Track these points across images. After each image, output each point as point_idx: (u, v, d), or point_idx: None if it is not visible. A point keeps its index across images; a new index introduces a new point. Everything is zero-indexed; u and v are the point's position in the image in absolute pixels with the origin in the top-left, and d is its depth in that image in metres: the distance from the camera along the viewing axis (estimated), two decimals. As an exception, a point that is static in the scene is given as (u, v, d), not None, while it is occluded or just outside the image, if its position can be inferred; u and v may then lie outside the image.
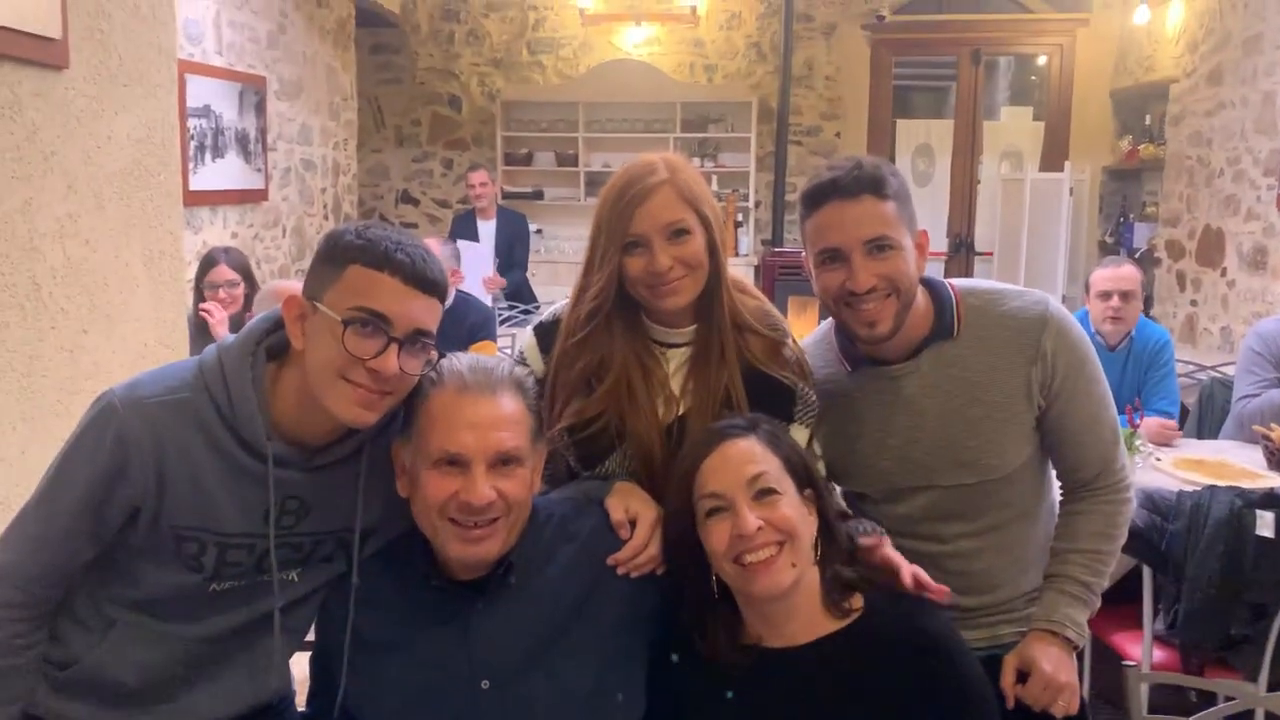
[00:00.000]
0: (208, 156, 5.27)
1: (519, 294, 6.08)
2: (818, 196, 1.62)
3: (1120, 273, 3.59)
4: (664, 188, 1.56)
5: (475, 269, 5.47)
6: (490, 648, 1.42)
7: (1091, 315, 3.62)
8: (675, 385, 1.65)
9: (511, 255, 6.22)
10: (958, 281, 1.75)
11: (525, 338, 1.75)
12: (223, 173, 5.42)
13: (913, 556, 1.60)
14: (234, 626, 1.47)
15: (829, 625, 1.44)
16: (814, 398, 1.69)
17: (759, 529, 1.37)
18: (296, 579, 1.49)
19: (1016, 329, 1.67)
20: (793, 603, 1.42)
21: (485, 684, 1.40)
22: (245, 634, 1.49)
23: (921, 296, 1.68)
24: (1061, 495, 1.77)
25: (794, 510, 1.41)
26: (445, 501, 1.38)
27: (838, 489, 1.76)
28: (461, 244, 5.86)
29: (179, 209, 2.24)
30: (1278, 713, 1.71)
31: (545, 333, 1.71)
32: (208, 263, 4.08)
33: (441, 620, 1.44)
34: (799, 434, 1.65)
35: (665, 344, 1.66)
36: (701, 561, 1.43)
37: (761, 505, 1.39)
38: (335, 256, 1.36)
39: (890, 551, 1.55)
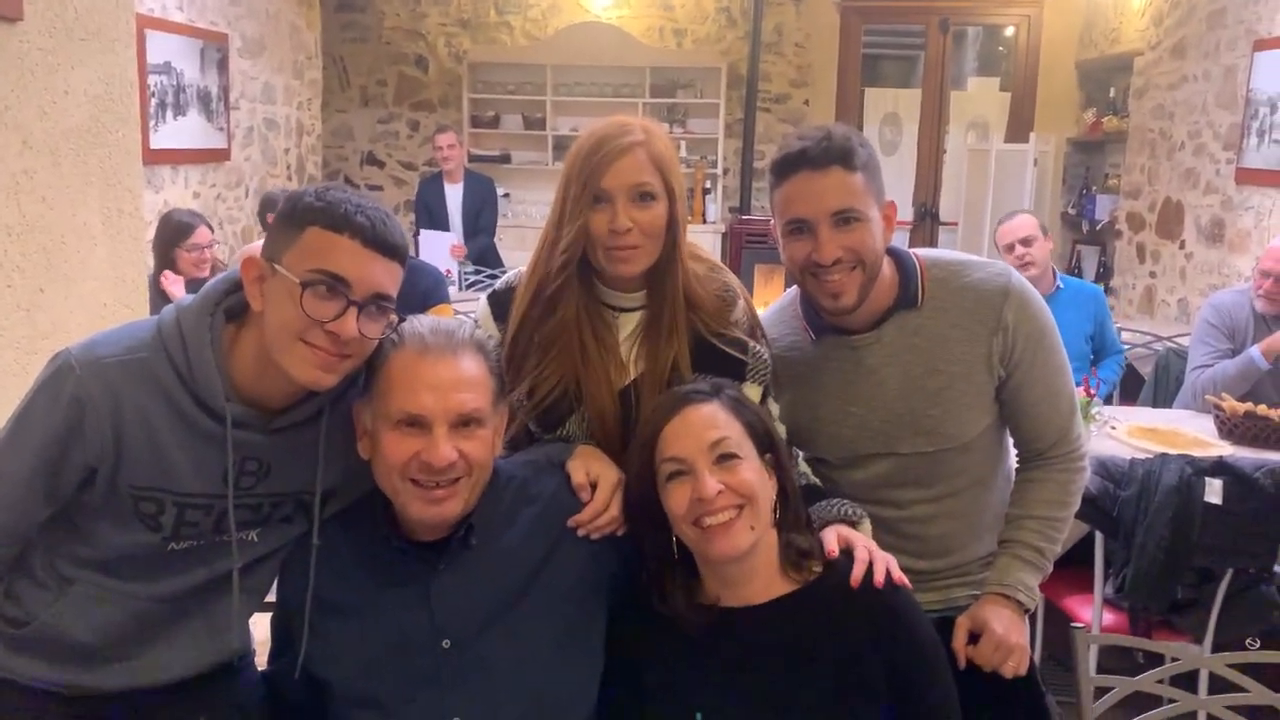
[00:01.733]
0: (169, 115, 5.19)
1: (485, 259, 6.05)
2: (786, 166, 1.63)
3: (1014, 224, 3.76)
4: (638, 149, 1.56)
5: (440, 258, 5.43)
6: (451, 609, 1.43)
7: None
8: (625, 351, 1.65)
9: (479, 220, 6.18)
10: (922, 252, 1.77)
11: (479, 306, 1.75)
12: (184, 131, 5.33)
13: (870, 521, 1.64)
14: (193, 586, 1.47)
15: (786, 586, 1.46)
16: (765, 355, 1.70)
17: (718, 493, 1.39)
18: (256, 539, 1.49)
19: (978, 300, 1.68)
20: (751, 564, 1.45)
21: (446, 644, 1.42)
22: (204, 594, 1.49)
23: (887, 267, 1.69)
24: (1017, 463, 1.81)
25: (754, 475, 1.43)
26: (406, 462, 1.38)
27: (799, 454, 1.79)
28: (426, 235, 5.83)
29: (138, 167, 2.21)
30: (1220, 673, 1.76)
31: (499, 300, 1.71)
32: (183, 228, 4.02)
33: (402, 581, 1.45)
34: (752, 392, 1.66)
35: (617, 308, 1.67)
36: (662, 523, 1.45)
37: (722, 470, 1.41)
38: (294, 218, 1.35)
39: (861, 547, 1.52)
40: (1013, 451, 1.82)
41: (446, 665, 1.41)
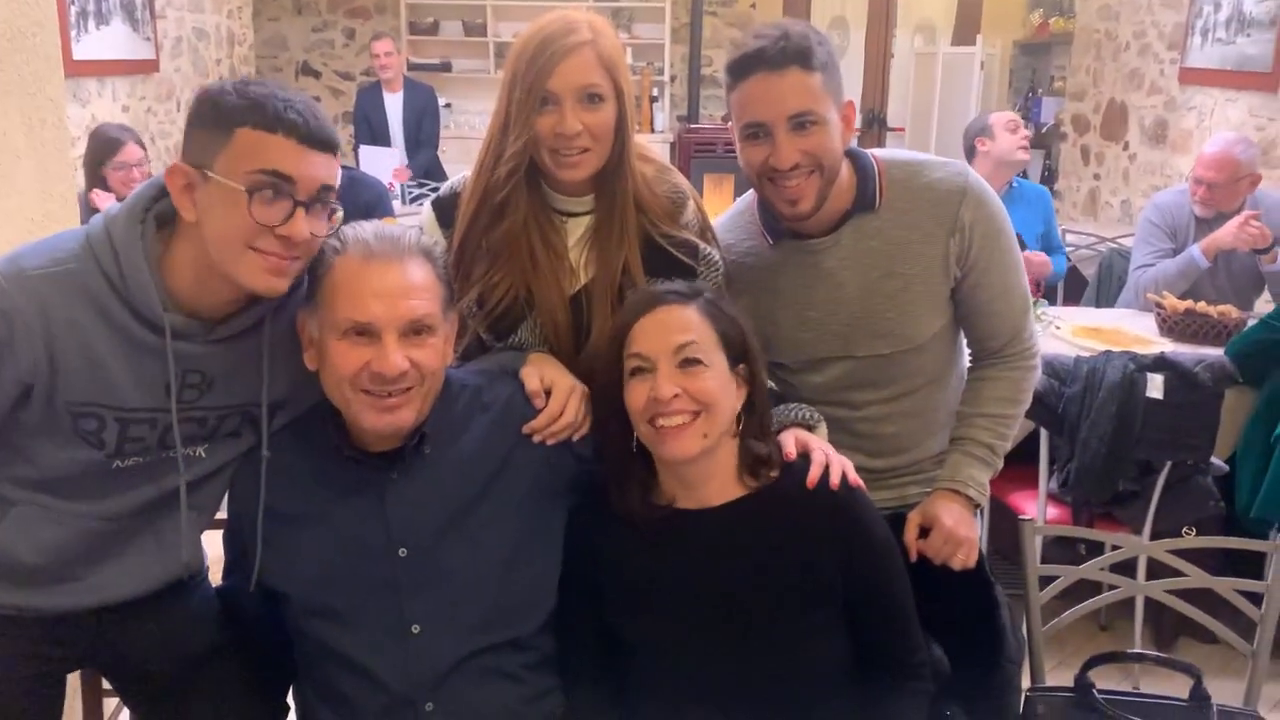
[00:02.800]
0: (90, 23, 4.95)
1: (430, 172, 5.91)
2: (743, 67, 1.59)
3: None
4: (585, 49, 1.51)
5: (382, 175, 5.29)
6: (406, 517, 1.42)
7: None
8: (575, 256, 1.63)
9: (420, 130, 6.02)
10: (879, 152, 1.75)
11: (424, 213, 1.71)
12: (108, 41, 5.10)
13: (826, 423, 1.65)
14: (139, 504, 1.45)
15: (741, 490, 1.47)
16: (717, 257, 1.68)
17: (675, 396, 1.39)
18: (203, 455, 1.47)
19: (935, 200, 1.67)
20: (706, 468, 1.45)
21: (403, 552, 1.41)
22: (151, 511, 1.46)
23: (845, 169, 1.67)
24: (970, 362, 1.82)
25: (716, 383, 1.42)
26: (357, 373, 1.35)
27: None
28: (366, 151, 5.66)
29: (59, 74, 2.10)
30: (1160, 559, 1.82)
31: (444, 206, 1.68)
32: (110, 144, 3.85)
33: (355, 491, 1.43)
34: None
35: (565, 212, 1.64)
36: (625, 419, 1.45)
37: (684, 374, 1.40)
38: (220, 119, 1.29)
39: (817, 450, 1.53)
40: (966, 352, 1.83)
41: (403, 572, 1.41)
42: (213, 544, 1.58)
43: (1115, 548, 1.88)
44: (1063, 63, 6.90)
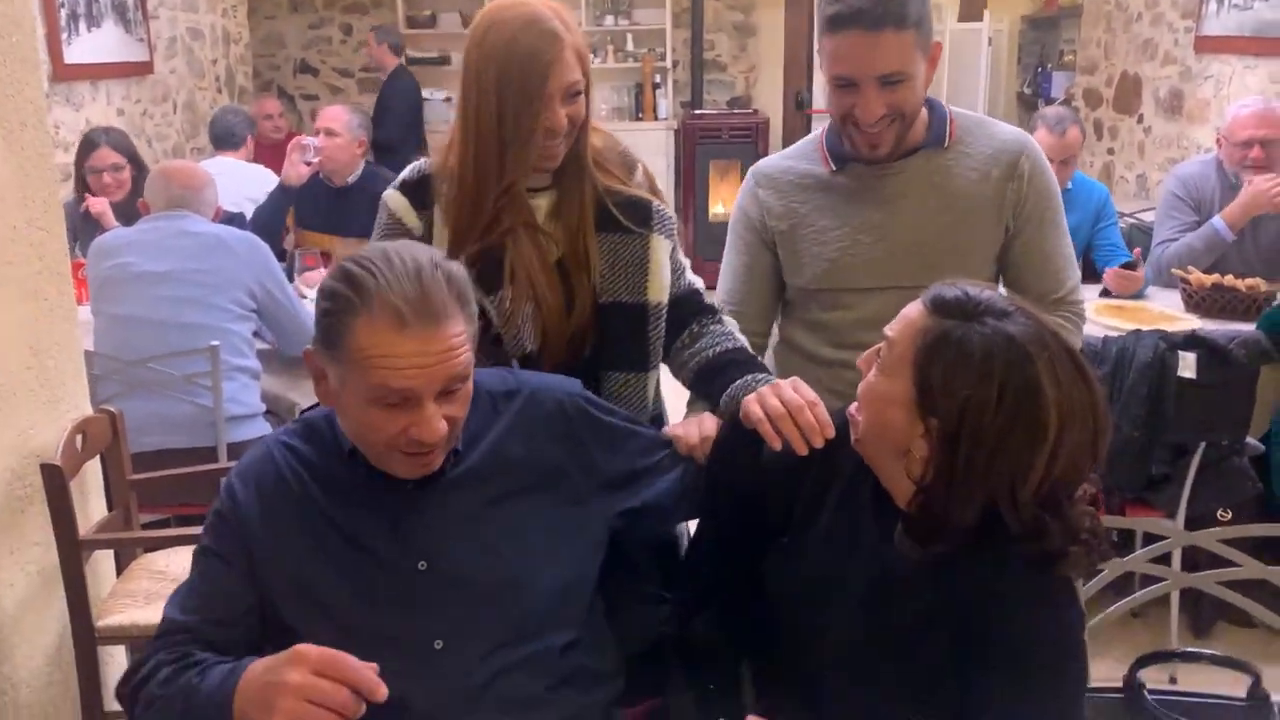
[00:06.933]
0: (82, 26, 4.87)
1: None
2: (839, 22, 1.63)
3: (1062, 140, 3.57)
4: (565, 50, 1.51)
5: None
6: (424, 529, 1.33)
7: None
8: (548, 230, 1.63)
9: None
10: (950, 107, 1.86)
11: (392, 201, 1.65)
12: (101, 44, 5.02)
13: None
14: None
15: None
16: (669, 214, 1.69)
17: None
18: None
19: (1000, 147, 1.79)
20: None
21: (422, 565, 1.32)
22: None
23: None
24: None
25: None
26: (394, 437, 1.25)
27: (725, 311, 1.78)
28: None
29: (38, 75, 2.02)
30: (1208, 547, 1.72)
31: (415, 188, 1.64)
32: (87, 146, 3.79)
33: (368, 506, 1.34)
34: (659, 244, 1.64)
35: (531, 190, 1.62)
36: None
37: None
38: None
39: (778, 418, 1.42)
40: None
41: (421, 586, 1.31)
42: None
43: (1153, 537, 1.79)
44: (1072, 36, 6.77)
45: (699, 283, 1.74)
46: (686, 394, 1.72)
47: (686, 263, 1.73)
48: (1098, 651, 2.42)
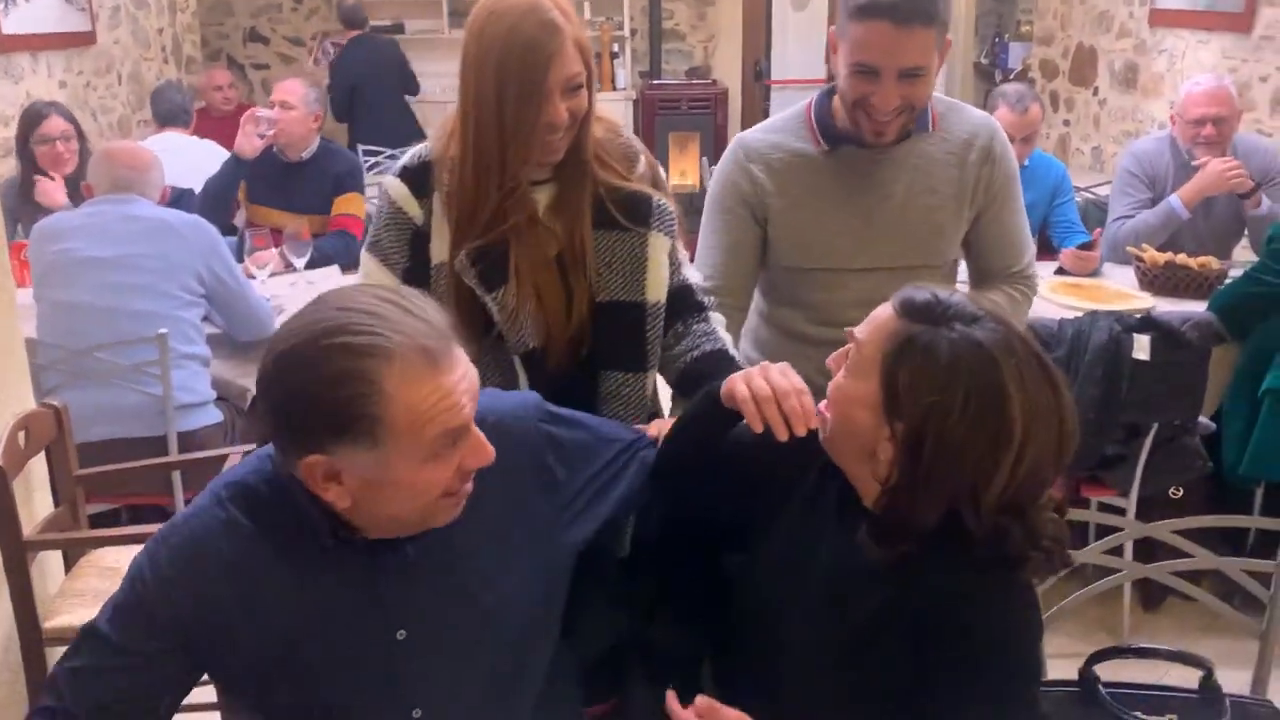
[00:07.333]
0: (18, -6, 4.71)
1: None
2: (870, 10, 1.65)
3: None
4: (566, 43, 1.47)
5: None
6: (401, 594, 1.23)
7: None
8: (547, 223, 1.61)
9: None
10: None
11: (393, 189, 1.61)
12: (39, 13, 4.86)
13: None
14: None
15: None
16: (670, 209, 1.65)
17: None
18: None
19: (973, 131, 1.90)
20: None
21: (401, 635, 1.23)
22: None
23: None
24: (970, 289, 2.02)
25: None
26: (450, 481, 1.16)
27: (710, 305, 1.74)
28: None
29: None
30: (1163, 539, 1.74)
31: (416, 176, 1.61)
32: (33, 117, 3.69)
33: (339, 576, 1.22)
34: (658, 242, 1.62)
35: (532, 182, 1.59)
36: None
37: None
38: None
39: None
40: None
41: (403, 654, 1.23)
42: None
43: (1106, 529, 1.80)
44: (1028, 6, 6.78)
45: (695, 277, 1.72)
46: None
47: (685, 257, 1.71)
48: (1050, 631, 2.44)
